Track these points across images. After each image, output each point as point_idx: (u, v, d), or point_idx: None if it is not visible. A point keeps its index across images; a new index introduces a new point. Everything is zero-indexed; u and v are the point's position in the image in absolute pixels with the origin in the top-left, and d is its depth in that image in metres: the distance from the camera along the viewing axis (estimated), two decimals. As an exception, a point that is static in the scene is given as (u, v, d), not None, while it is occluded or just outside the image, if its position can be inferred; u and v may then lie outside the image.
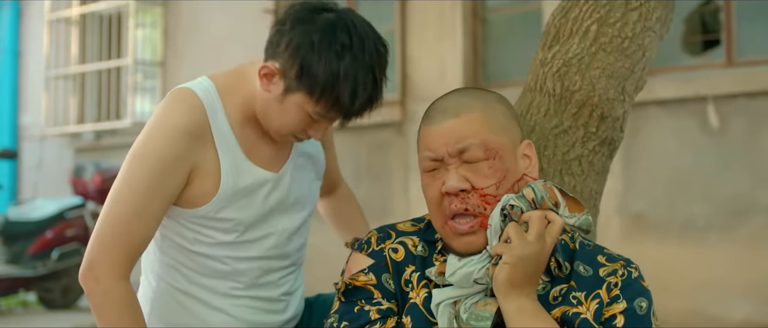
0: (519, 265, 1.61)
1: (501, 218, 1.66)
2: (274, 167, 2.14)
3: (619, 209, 5.96)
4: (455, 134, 1.70)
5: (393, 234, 1.84)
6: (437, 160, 1.72)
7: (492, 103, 1.77)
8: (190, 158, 2.01)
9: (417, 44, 7.18)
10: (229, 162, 2.06)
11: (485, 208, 1.68)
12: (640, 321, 1.69)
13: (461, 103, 1.74)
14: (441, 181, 1.71)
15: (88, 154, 9.44)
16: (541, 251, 1.63)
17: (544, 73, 2.24)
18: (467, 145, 1.69)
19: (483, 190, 1.69)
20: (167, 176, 1.99)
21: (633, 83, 2.26)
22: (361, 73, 1.94)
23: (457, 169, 1.70)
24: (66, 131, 9.81)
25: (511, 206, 1.66)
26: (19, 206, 7.83)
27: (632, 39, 2.23)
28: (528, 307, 1.62)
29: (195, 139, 2.01)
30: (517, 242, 1.61)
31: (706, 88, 5.69)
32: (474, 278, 1.67)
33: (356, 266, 1.81)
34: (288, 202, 2.18)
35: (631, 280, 1.72)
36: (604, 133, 2.21)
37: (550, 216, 1.66)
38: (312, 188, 2.28)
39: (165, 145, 1.99)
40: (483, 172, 1.69)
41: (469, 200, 1.68)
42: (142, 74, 9.44)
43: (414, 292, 1.75)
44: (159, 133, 2.01)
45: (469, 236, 1.69)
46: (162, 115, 2.03)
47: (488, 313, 1.64)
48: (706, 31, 6.21)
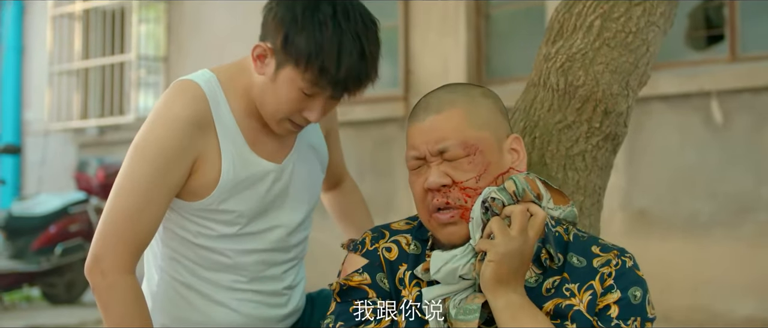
0: (504, 261, 1.61)
1: (482, 210, 1.67)
2: (277, 158, 2.14)
3: (622, 204, 5.95)
4: (435, 132, 1.73)
5: (387, 233, 1.85)
6: (420, 159, 1.76)
7: (476, 98, 1.79)
8: (193, 149, 2.01)
9: (420, 40, 7.18)
10: (231, 152, 2.06)
11: (466, 201, 1.71)
12: (635, 310, 1.69)
13: (444, 100, 1.77)
14: (424, 177, 1.75)
15: (92, 150, 9.45)
16: (525, 245, 1.63)
17: (548, 69, 2.23)
18: (446, 145, 1.72)
19: (463, 183, 1.71)
20: (170, 167, 1.99)
21: (637, 78, 2.26)
22: (346, 41, 1.94)
23: (438, 166, 1.73)
24: (69, 127, 9.82)
25: (492, 198, 1.66)
26: (23, 202, 7.84)
27: (636, 34, 2.23)
28: (516, 302, 1.63)
29: (197, 129, 2.01)
30: (501, 238, 1.62)
31: (709, 84, 5.68)
32: (459, 274, 1.67)
33: (351, 267, 1.82)
34: (291, 194, 2.18)
35: (625, 269, 1.72)
36: (608, 128, 2.21)
37: (533, 209, 1.67)
38: (316, 180, 2.28)
39: (167, 136, 1.99)
40: (463, 167, 1.72)
41: (450, 194, 1.72)
42: (145, 70, 9.45)
43: (406, 290, 1.77)
44: (161, 124, 2.01)
45: (451, 227, 1.72)
46: (164, 106, 2.03)
47: (475, 306, 1.64)
48: (710, 26, 6.20)
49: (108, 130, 9.64)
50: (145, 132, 2.02)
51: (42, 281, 7.31)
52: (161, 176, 1.99)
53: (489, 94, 1.82)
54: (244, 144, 2.09)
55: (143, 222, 1.99)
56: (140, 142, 2.02)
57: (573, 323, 1.67)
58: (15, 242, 7.25)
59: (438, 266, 1.69)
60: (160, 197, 2.00)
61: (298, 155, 2.19)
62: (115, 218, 1.99)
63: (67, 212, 7.36)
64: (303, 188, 2.21)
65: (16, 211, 7.45)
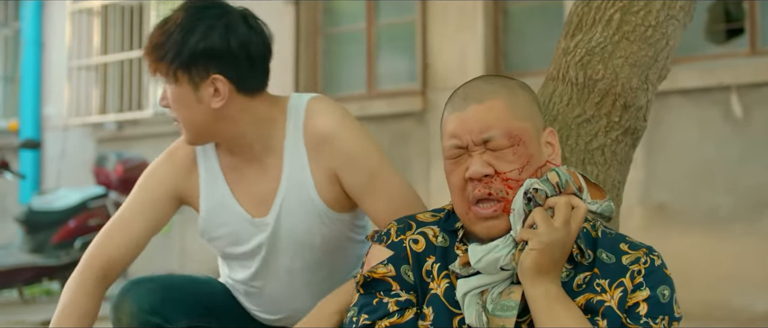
0: (546, 251, 1.61)
1: (524, 201, 1.66)
2: (260, 211, 2.17)
3: (641, 199, 5.92)
4: (479, 122, 1.70)
5: (413, 225, 1.83)
6: (462, 148, 1.72)
7: (515, 90, 1.77)
8: (173, 187, 2.19)
9: (438, 34, 7.16)
10: (210, 198, 2.18)
11: (508, 192, 1.69)
12: (663, 309, 1.69)
13: (485, 90, 1.75)
14: (464, 166, 1.71)
15: (111, 144, 9.49)
16: (567, 236, 1.63)
17: (567, 62, 2.23)
18: (491, 135, 1.69)
19: (506, 174, 1.69)
20: (147, 193, 2.19)
21: (656, 72, 2.25)
22: (218, 22, 2.05)
23: (480, 155, 1.70)
24: (88, 121, 9.86)
25: (535, 189, 1.66)
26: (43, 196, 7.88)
27: (656, 27, 2.22)
28: (553, 292, 1.63)
29: (180, 169, 2.19)
30: (544, 227, 1.61)
31: (729, 78, 5.64)
32: (501, 265, 1.67)
33: (375, 259, 1.81)
34: (282, 241, 2.19)
35: (655, 267, 1.72)
36: (627, 122, 2.20)
37: (575, 202, 1.66)
38: (314, 230, 2.17)
39: (151, 171, 2.22)
40: (507, 157, 1.69)
41: (493, 185, 1.69)
42: (164, 65, 9.46)
43: (435, 283, 1.75)
44: (157, 159, 2.24)
45: (492, 221, 1.70)
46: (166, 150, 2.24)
47: (513, 302, 1.64)
48: (730, 19, 6.16)
49: (126, 125, 9.68)
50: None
51: (61, 275, 7.34)
52: (141, 200, 2.19)
53: (525, 86, 1.81)
54: (227, 190, 2.18)
55: (118, 236, 2.17)
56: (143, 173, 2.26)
57: (604, 318, 1.67)
58: (35, 236, 7.29)
59: (479, 256, 1.68)
60: (138, 217, 2.17)
61: (288, 206, 2.15)
62: (103, 229, 2.21)
63: (86, 207, 7.39)
64: (297, 239, 2.18)
65: (35, 205, 7.49)
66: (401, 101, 7.27)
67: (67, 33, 10.11)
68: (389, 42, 7.76)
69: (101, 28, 9.96)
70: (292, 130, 2.11)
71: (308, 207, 2.14)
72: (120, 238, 2.16)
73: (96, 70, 10.00)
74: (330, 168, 2.11)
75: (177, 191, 2.19)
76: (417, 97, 7.15)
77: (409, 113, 7.18)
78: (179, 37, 2.02)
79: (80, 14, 10.04)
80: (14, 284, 7.21)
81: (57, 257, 7.20)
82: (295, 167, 2.11)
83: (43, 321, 5.98)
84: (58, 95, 10.32)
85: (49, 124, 10.49)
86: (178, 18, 2.04)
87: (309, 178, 2.12)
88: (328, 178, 2.12)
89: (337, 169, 2.11)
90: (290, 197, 2.13)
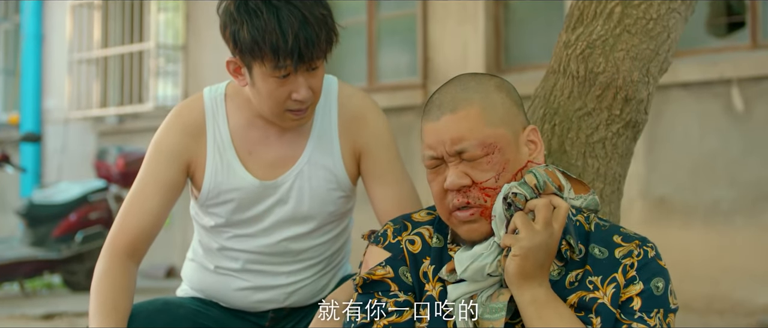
0: (529, 255, 1.61)
1: (504, 206, 1.66)
2: (272, 175, 2.19)
3: (642, 192, 5.92)
4: (451, 133, 1.71)
5: (409, 226, 1.83)
6: (438, 159, 1.73)
7: (490, 94, 1.75)
8: (184, 152, 2.18)
9: (439, 28, 7.16)
10: (216, 163, 2.18)
11: (485, 200, 1.69)
12: (658, 302, 1.68)
13: (458, 98, 1.74)
14: (443, 176, 1.73)
15: (111, 138, 9.50)
16: (550, 238, 1.62)
17: (568, 55, 2.22)
18: (464, 146, 1.70)
19: (482, 183, 1.69)
20: (161, 165, 2.17)
21: (657, 65, 2.24)
22: (283, 15, 1.99)
23: (456, 166, 1.71)
24: (89, 115, 9.87)
25: (513, 193, 1.65)
26: (44, 189, 7.90)
27: (657, 20, 2.21)
28: (542, 296, 1.63)
29: (190, 136, 2.18)
30: (525, 232, 1.61)
31: (730, 71, 5.64)
32: (487, 272, 1.67)
33: (374, 260, 1.81)
34: (290, 208, 2.21)
35: (648, 260, 1.71)
36: (628, 115, 2.19)
37: (555, 201, 1.66)
38: (325, 198, 2.23)
39: (161, 138, 2.20)
40: (482, 167, 1.70)
41: (470, 194, 1.70)
42: (164, 58, 9.47)
43: (430, 285, 1.76)
44: (162, 127, 2.22)
45: (471, 224, 1.71)
46: (171, 113, 2.24)
47: (501, 304, 1.64)
48: (731, 13, 6.15)
49: (127, 119, 9.68)
50: (155, 134, 2.23)
51: (62, 269, 7.36)
52: (153, 171, 2.17)
53: (503, 86, 1.79)
54: (234, 156, 2.19)
55: (137, 212, 2.16)
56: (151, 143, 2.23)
57: (597, 316, 1.67)
58: (36, 230, 7.31)
59: (465, 265, 1.68)
60: (153, 190, 2.16)
61: (302, 172, 2.20)
62: (121, 209, 2.19)
63: (87, 200, 7.40)
64: (305, 204, 2.21)
65: (36, 199, 7.50)
66: (402, 95, 7.27)
67: (67, 26, 10.11)
68: (390, 35, 7.76)
69: (102, 21, 9.96)
70: (324, 102, 2.21)
71: (328, 177, 2.21)
72: (139, 214, 2.15)
73: (97, 64, 10.01)
74: (357, 145, 2.22)
75: (188, 156, 2.19)
76: (418, 91, 7.14)
77: (410, 107, 7.18)
78: (320, 26, 2.03)
79: (81, 8, 10.04)
80: (15, 278, 7.22)
81: (58, 251, 7.21)
82: (325, 136, 2.20)
83: (44, 314, 5.99)
84: (58, 89, 10.33)
85: (50, 117, 10.50)
86: (290, 11, 2.00)
87: (337, 147, 2.21)
88: (352, 154, 2.22)
89: (364, 147, 2.23)
90: (312, 164, 2.20)
